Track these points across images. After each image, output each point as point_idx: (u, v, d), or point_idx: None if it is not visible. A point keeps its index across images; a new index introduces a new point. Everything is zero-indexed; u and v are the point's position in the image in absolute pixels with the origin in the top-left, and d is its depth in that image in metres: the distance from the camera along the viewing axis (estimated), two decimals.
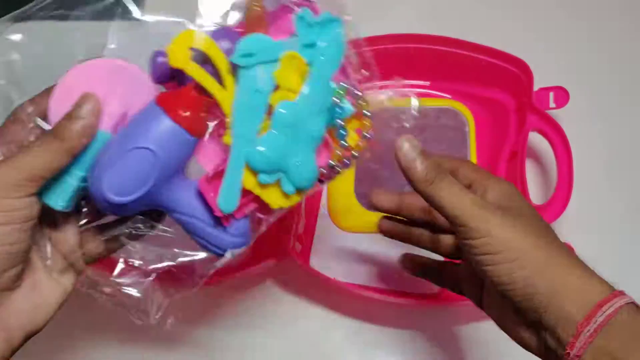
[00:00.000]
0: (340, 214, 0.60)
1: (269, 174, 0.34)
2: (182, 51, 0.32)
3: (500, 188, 0.35)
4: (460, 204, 0.32)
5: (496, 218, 0.32)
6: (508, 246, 0.31)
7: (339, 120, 0.35)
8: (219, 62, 0.32)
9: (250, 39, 0.32)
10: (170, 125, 0.31)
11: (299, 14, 0.34)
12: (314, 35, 0.34)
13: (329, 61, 0.35)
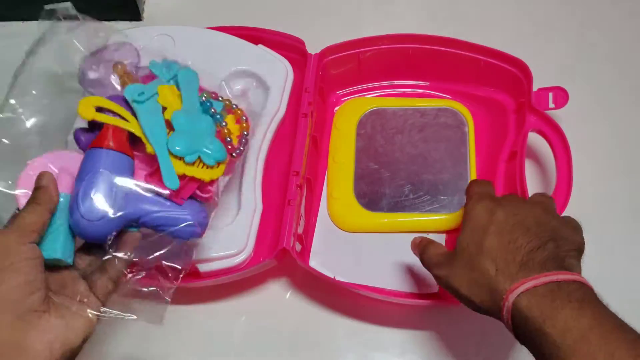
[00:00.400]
0: (340, 215, 0.60)
1: (190, 154, 0.45)
2: (89, 108, 0.45)
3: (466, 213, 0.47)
4: (430, 260, 0.48)
5: (444, 268, 0.46)
6: (449, 283, 0.45)
7: (212, 110, 0.49)
8: (116, 108, 0.46)
9: (133, 86, 0.48)
10: (105, 151, 0.43)
11: (149, 64, 0.51)
12: (165, 73, 0.50)
13: (190, 82, 0.50)
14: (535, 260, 0.40)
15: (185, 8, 0.75)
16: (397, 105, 0.65)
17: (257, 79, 0.60)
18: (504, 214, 0.44)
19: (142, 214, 0.43)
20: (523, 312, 0.39)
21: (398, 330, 0.56)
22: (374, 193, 0.60)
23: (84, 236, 0.41)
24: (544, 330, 0.37)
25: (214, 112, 0.49)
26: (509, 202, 0.46)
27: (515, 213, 0.44)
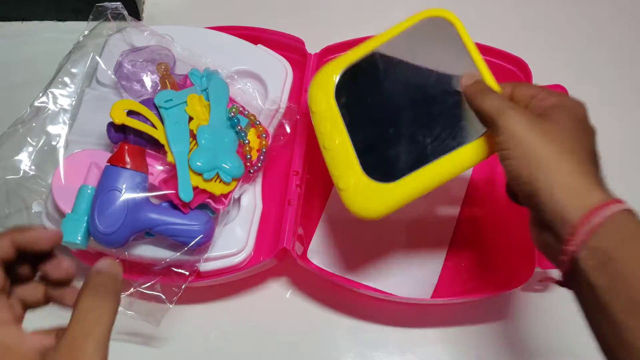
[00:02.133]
0: (360, 203, 0.47)
1: (209, 171, 0.49)
2: (120, 112, 0.49)
3: (556, 100, 0.39)
4: (495, 107, 0.39)
5: (520, 118, 0.37)
6: (522, 145, 0.36)
7: (239, 127, 0.52)
8: (147, 113, 0.50)
9: (164, 92, 0.51)
10: (120, 170, 0.47)
11: (190, 72, 0.54)
12: (204, 82, 0.53)
13: (220, 95, 0.53)
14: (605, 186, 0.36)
15: (184, 8, 0.76)
16: (366, 52, 0.51)
17: (256, 78, 0.60)
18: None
19: (153, 225, 0.48)
20: (606, 249, 0.32)
21: (398, 329, 0.56)
22: (386, 161, 0.47)
23: (101, 244, 0.47)
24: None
25: (240, 130, 0.52)
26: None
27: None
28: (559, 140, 0.36)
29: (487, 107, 0.39)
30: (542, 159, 0.35)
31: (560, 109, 0.38)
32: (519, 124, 0.37)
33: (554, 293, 0.57)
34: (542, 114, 0.38)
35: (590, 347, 0.55)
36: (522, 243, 0.56)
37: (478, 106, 0.40)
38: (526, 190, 0.35)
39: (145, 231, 0.48)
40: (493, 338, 0.55)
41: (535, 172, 0.35)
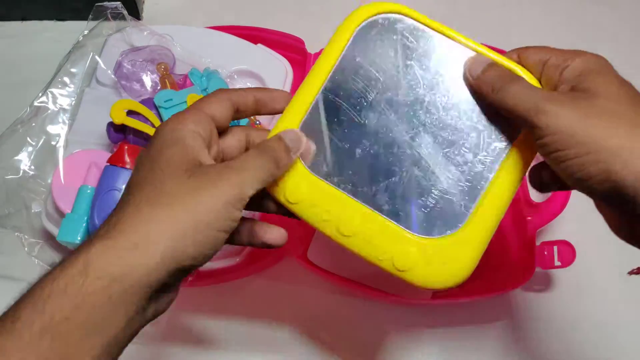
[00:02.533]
0: (435, 272, 0.35)
1: None
2: (120, 112, 0.49)
3: (579, 64, 0.32)
4: (527, 104, 0.31)
5: (565, 110, 0.30)
6: (578, 139, 0.29)
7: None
8: (147, 113, 0.50)
9: (164, 92, 0.51)
10: (120, 170, 0.47)
11: (190, 71, 0.54)
12: (204, 82, 0.53)
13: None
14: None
15: (184, 8, 0.75)
16: (314, 94, 0.37)
17: (256, 78, 0.60)
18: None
19: None
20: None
21: (399, 329, 0.56)
22: (430, 208, 0.35)
23: None
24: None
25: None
26: None
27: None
28: (618, 117, 0.29)
29: (516, 104, 0.31)
30: (613, 147, 0.29)
31: (594, 74, 0.31)
32: (566, 118, 0.30)
33: (554, 293, 0.57)
34: (578, 88, 0.31)
35: (590, 347, 0.56)
36: (523, 243, 0.56)
37: (502, 103, 0.32)
38: (603, 188, 0.29)
39: None
40: (493, 338, 0.55)
41: (611, 166, 0.29)
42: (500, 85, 0.32)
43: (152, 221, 0.29)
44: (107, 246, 0.28)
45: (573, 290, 0.56)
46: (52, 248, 0.53)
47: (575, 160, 0.29)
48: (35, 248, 0.52)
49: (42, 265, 0.52)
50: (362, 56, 0.36)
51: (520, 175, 0.35)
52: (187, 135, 0.31)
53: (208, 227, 0.29)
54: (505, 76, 0.33)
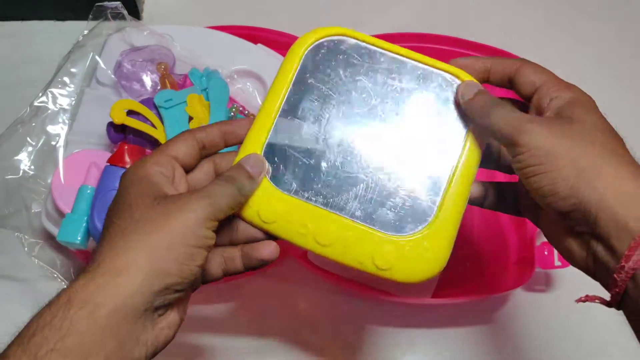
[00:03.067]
0: (412, 268, 0.36)
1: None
2: (120, 112, 0.48)
3: (567, 96, 0.34)
4: (510, 125, 0.33)
5: (543, 130, 0.32)
6: (551, 155, 0.31)
7: None
8: (147, 113, 0.50)
9: (164, 92, 0.51)
10: (120, 170, 0.47)
11: (190, 71, 0.54)
12: (204, 82, 0.53)
13: (220, 94, 0.51)
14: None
15: (184, 8, 0.75)
16: (269, 126, 0.38)
17: (256, 78, 0.60)
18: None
19: None
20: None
21: (398, 329, 0.56)
22: (400, 207, 0.37)
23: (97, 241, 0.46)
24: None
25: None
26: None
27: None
28: (593, 141, 0.31)
29: (501, 125, 0.34)
30: (583, 164, 0.31)
31: (579, 105, 0.33)
32: (543, 136, 0.32)
33: (555, 293, 0.57)
34: (561, 114, 0.33)
35: (590, 347, 0.56)
36: (523, 243, 0.56)
37: (488, 124, 0.34)
38: (566, 205, 0.31)
39: None
40: (493, 338, 0.55)
41: (577, 183, 0.30)
42: (488, 110, 0.35)
43: (128, 248, 0.30)
44: (88, 278, 0.29)
45: (573, 290, 0.56)
46: (52, 248, 0.53)
47: (546, 175, 0.31)
48: (35, 248, 0.52)
49: (42, 265, 0.52)
50: (313, 76, 0.39)
51: (474, 164, 0.37)
52: (151, 174, 0.33)
53: (182, 243, 0.31)
54: (492, 102, 0.35)
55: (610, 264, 0.30)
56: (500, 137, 0.34)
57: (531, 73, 0.36)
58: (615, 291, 0.30)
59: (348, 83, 0.38)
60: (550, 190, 0.31)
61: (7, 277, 0.56)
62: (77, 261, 0.54)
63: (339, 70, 0.39)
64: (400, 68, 0.38)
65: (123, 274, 0.29)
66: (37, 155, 0.54)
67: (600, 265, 0.31)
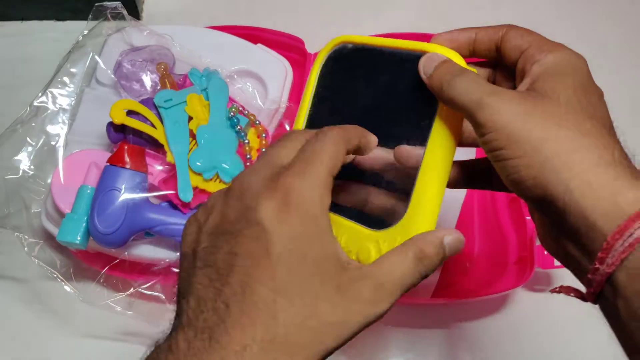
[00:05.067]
0: None
1: (209, 171, 0.49)
2: (120, 112, 0.49)
3: (549, 60, 0.30)
4: (472, 95, 0.29)
5: (507, 107, 0.28)
6: (514, 139, 0.27)
7: (238, 127, 0.52)
8: (147, 113, 0.50)
9: (163, 92, 0.51)
10: (120, 170, 0.47)
11: (189, 71, 0.54)
12: (203, 82, 0.53)
13: (219, 95, 0.52)
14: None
15: (184, 8, 0.75)
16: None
17: (256, 78, 0.60)
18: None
19: (153, 225, 0.47)
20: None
21: (398, 329, 0.56)
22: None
23: (100, 244, 0.47)
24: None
25: (240, 129, 0.52)
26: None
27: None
28: (565, 122, 0.27)
29: (460, 98, 0.29)
30: (549, 153, 0.27)
31: (556, 75, 0.29)
32: (505, 115, 0.28)
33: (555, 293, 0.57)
34: (534, 87, 0.29)
35: (589, 347, 0.55)
36: (522, 243, 0.56)
37: (449, 97, 0.30)
38: (533, 195, 0.28)
39: (144, 231, 0.48)
40: (493, 338, 0.55)
41: (543, 172, 0.27)
42: (449, 79, 0.30)
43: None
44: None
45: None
46: (52, 248, 0.53)
47: (509, 162, 0.28)
48: (35, 248, 0.52)
49: (42, 265, 0.52)
50: (326, 90, 0.39)
51: (444, 145, 0.33)
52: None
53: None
54: (455, 70, 0.30)
55: (583, 262, 0.27)
56: (460, 110, 0.30)
57: (517, 36, 0.32)
58: (590, 291, 0.28)
59: (356, 84, 0.38)
60: (515, 178, 0.28)
61: (7, 277, 0.56)
62: (77, 261, 0.54)
63: (349, 73, 0.39)
64: (386, 61, 0.36)
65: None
66: (36, 155, 0.54)
67: (572, 261, 0.29)
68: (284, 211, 0.26)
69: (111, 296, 0.51)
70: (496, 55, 0.33)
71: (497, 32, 0.33)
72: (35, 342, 0.54)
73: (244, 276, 0.26)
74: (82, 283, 0.52)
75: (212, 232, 0.28)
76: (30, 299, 0.55)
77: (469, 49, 0.34)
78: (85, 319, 0.54)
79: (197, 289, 0.26)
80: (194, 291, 0.27)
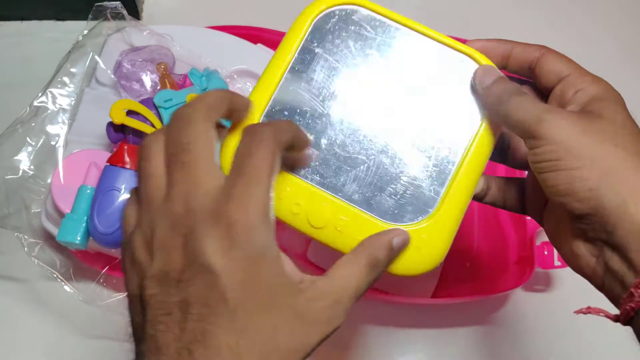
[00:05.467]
0: (409, 260, 0.34)
1: None
2: (119, 112, 0.48)
3: (594, 89, 0.31)
4: (531, 113, 0.30)
5: (565, 123, 0.29)
6: (572, 152, 0.28)
7: None
8: (146, 113, 0.50)
9: (163, 92, 0.51)
10: (120, 170, 0.47)
11: (189, 71, 0.54)
12: (203, 82, 0.53)
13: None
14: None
15: (184, 8, 0.75)
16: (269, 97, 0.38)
17: (256, 78, 0.60)
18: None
19: None
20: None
21: (398, 329, 0.56)
22: (401, 195, 0.33)
23: (100, 244, 0.47)
24: None
25: None
26: None
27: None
28: (620, 141, 0.29)
29: (520, 115, 0.31)
30: (606, 166, 0.28)
31: (607, 101, 0.31)
32: (565, 130, 0.29)
33: (555, 293, 0.57)
34: (587, 110, 0.31)
35: (590, 346, 0.55)
36: (522, 243, 0.56)
37: (506, 113, 0.31)
38: (584, 206, 0.28)
39: None
40: (493, 338, 0.55)
41: (599, 184, 0.28)
42: (508, 97, 0.31)
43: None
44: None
45: (573, 290, 0.56)
46: (52, 248, 0.53)
47: (564, 172, 0.29)
48: (35, 248, 0.52)
49: (42, 266, 0.52)
50: (321, 46, 0.36)
51: (485, 155, 0.34)
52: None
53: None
54: (511, 90, 0.32)
55: (627, 277, 0.28)
56: (519, 127, 0.31)
57: (556, 62, 0.33)
58: (631, 306, 0.28)
59: (357, 56, 0.35)
60: (567, 189, 0.29)
61: (7, 277, 0.56)
62: (77, 261, 0.54)
63: (349, 41, 0.36)
64: (416, 44, 0.35)
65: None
66: (36, 155, 0.54)
67: (611, 276, 0.29)
68: (230, 248, 0.26)
69: (111, 296, 0.51)
70: (528, 73, 0.34)
71: (533, 51, 0.34)
72: (36, 342, 0.54)
73: (202, 323, 0.25)
74: (82, 283, 0.52)
75: (159, 278, 0.26)
76: (30, 299, 0.55)
77: (502, 62, 0.35)
78: (85, 319, 0.54)
79: (155, 335, 0.26)
80: (152, 336, 0.26)
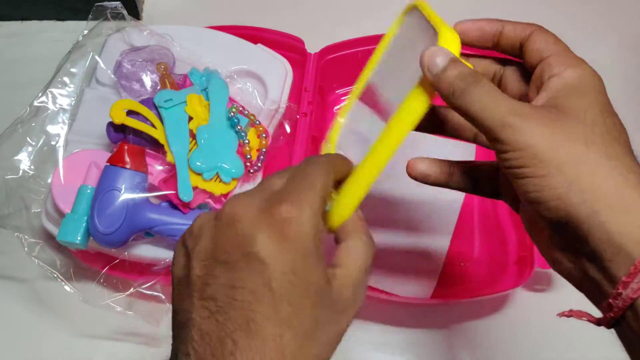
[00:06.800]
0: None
1: (209, 171, 0.49)
2: (120, 112, 0.49)
3: (568, 76, 0.29)
4: (492, 113, 0.28)
5: (530, 126, 0.27)
6: (539, 158, 0.26)
7: (238, 127, 0.51)
8: (147, 113, 0.50)
9: (163, 92, 0.51)
10: (120, 170, 0.47)
11: (189, 71, 0.54)
12: (203, 82, 0.53)
13: (219, 95, 0.52)
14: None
15: (184, 8, 0.75)
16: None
17: (256, 78, 0.60)
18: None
19: (153, 225, 0.47)
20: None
21: (398, 329, 0.56)
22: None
23: (100, 244, 0.47)
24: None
25: (240, 129, 0.51)
26: None
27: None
28: (592, 144, 0.27)
29: (479, 114, 0.28)
30: (575, 174, 0.26)
31: (577, 93, 0.28)
32: (532, 134, 0.27)
33: (555, 293, 0.57)
34: (555, 103, 0.28)
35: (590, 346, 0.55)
36: (522, 243, 0.56)
37: (463, 109, 0.29)
38: (555, 215, 0.27)
39: (144, 231, 0.48)
40: (493, 338, 0.55)
41: (568, 193, 0.26)
42: (463, 87, 0.29)
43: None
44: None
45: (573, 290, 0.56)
46: (52, 248, 0.53)
47: (532, 180, 0.27)
48: (35, 248, 0.52)
49: (42, 266, 0.52)
50: (398, 49, 0.37)
51: (405, 119, 0.30)
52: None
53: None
54: (466, 75, 0.29)
55: (604, 286, 0.27)
56: (480, 127, 0.29)
57: (542, 40, 0.31)
58: (610, 316, 0.27)
59: (404, 56, 0.36)
60: (536, 197, 0.27)
61: (7, 277, 0.56)
62: (77, 261, 0.54)
63: (407, 44, 0.37)
64: (416, 22, 0.35)
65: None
66: (37, 155, 0.54)
67: (590, 283, 0.28)
68: (281, 243, 0.26)
69: (111, 296, 0.51)
70: (519, 53, 0.32)
71: (524, 29, 0.32)
72: (35, 342, 0.54)
73: (247, 311, 0.25)
74: (82, 283, 0.52)
75: (205, 258, 0.27)
76: (30, 299, 0.55)
77: (493, 41, 0.33)
78: (85, 319, 0.54)
79: (198, 321, 0.26)
80: (194, 323, 0.26)
